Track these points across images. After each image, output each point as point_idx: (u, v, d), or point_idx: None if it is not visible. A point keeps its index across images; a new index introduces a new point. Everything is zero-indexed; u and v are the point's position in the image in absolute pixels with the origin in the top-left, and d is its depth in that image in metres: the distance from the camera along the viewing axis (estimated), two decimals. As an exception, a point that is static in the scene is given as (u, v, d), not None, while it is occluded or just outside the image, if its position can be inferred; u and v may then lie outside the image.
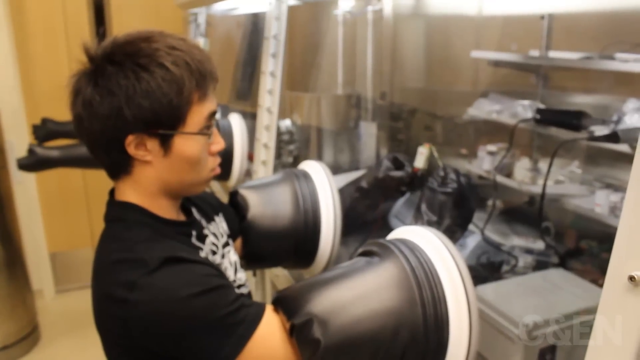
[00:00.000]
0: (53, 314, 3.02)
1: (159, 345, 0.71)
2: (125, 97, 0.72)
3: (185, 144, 0.77)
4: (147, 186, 0.80)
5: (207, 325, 0.70)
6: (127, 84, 0.72)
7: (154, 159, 0.77)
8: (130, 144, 0.75)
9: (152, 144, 0.76)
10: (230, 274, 0.93)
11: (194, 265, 0.74)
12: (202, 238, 0.88)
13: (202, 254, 0.85)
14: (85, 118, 0.75)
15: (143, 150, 0.76)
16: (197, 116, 0.77)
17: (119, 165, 0.79)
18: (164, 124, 0.75)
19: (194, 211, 0.92)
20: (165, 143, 0.76)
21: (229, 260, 0.94)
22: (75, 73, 0.77)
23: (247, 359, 0.71)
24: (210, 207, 0.99)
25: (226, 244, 0.96)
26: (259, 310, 0.75)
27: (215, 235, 0.93)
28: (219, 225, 0.97)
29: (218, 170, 0.86)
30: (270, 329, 0.74)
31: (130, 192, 0.80)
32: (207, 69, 0.77)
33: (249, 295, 0.97)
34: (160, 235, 0.78)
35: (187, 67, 0.74)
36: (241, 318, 0.72)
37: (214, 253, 0.90)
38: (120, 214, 0.80)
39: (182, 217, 0.88)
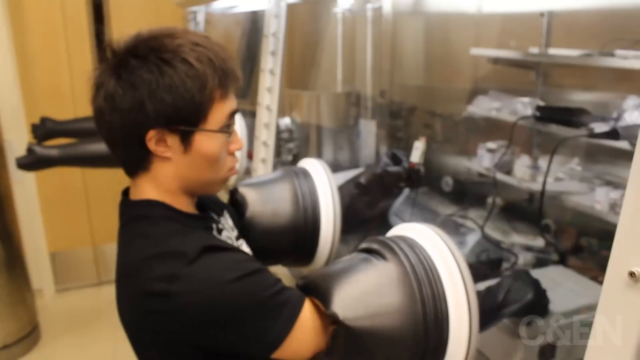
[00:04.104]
0: (53, 313, 3.02)
1: (204, 336, 0.70)
2: (148, 91, 0.72)
3: (206, 141, 0.77)
4: (166, 183, 0.79)
5: (254, 308, 0.70)
6: (151, 78, 0.71)
7: (174, 155, 0.77)
8: (151, 139, 0.74)
9: (173, 140, 0.75)
10: None
11: (230, 253, 0.75)
12: (219, 232, 0.88)
13: None
14: (106, 111, 0.74)
15: (163, 146, 0.76)
16: (218, 114, 0.77)
17: (137, 162, 0.78)
18: (186, 120, 0.74)
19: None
20: (186, 139, 0.76)
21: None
22: (98, 67, 0.76)
23: (294, 339, 0.71)
24: (215, 204, 0.99)
25: (238, 237, 0.96)
26: (300, 293, 0.75)
27: (227, 229, 0.93)
28: (227, 221, 0.98)
29: (236, 170, 0.86)
30: (312, 312, 0.74)
31: (150, 189, 0.79)
32: (230, 68, 0.77)
33: None
34: (188, 227, 0.78)
35: (211, 64, 0.74)
36: (286, 299, 0.72)
37: None
38: (142, 212, 0.79)
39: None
